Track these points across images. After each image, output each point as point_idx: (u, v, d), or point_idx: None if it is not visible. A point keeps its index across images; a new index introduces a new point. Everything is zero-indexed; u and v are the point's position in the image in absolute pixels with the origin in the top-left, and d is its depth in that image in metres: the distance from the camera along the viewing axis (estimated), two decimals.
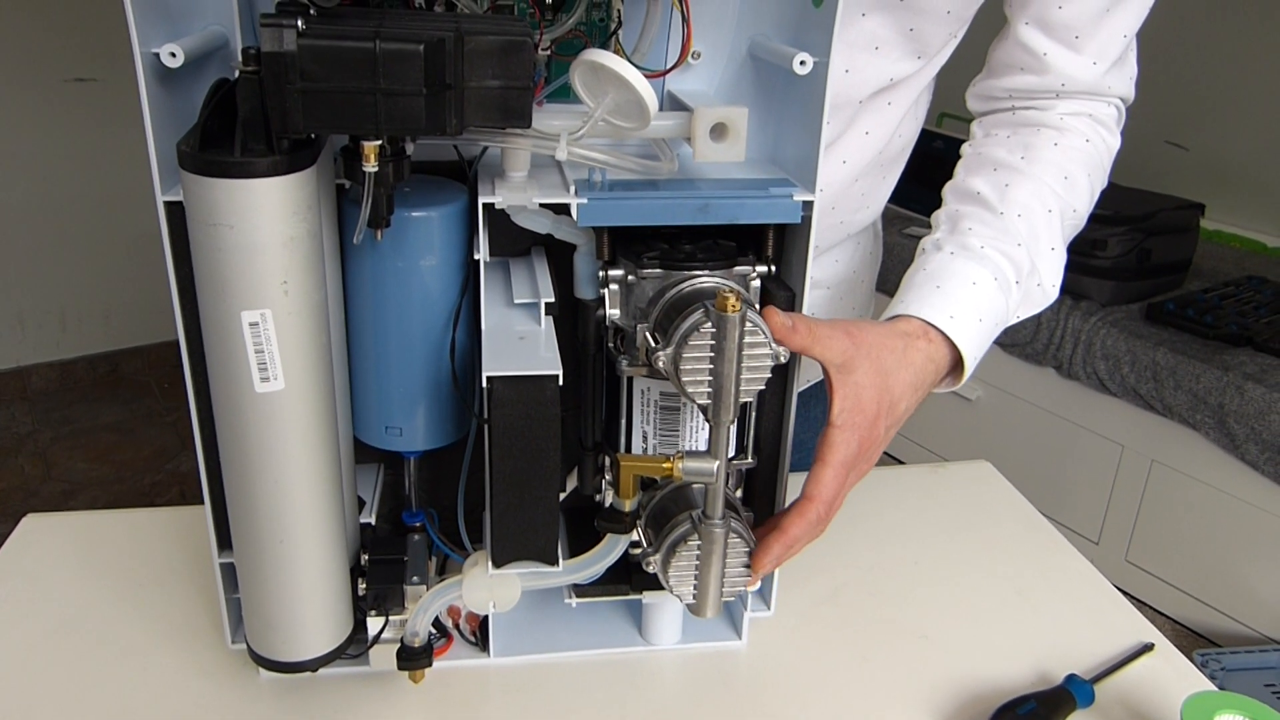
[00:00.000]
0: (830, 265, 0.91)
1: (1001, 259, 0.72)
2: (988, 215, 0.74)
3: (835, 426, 0.62)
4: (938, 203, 0.79)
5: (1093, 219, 0.83)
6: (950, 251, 0.72)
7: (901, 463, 0.72)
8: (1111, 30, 0.76)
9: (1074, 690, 0.67)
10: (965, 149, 0.83)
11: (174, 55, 0.53)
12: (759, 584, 0.66)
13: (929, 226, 0.78)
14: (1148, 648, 0.73)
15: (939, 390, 0.72)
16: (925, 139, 0.92)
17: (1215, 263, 2.30)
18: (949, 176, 0.81)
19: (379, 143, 0.51)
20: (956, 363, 0.70)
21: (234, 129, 0.49)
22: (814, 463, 0.63)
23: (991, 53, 0.82)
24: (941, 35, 0.76)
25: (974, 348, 0.69)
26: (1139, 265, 2.08)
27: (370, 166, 0.51)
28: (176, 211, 0.54)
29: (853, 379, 0.62)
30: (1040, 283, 0.76)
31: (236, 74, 0.48)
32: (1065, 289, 0.79)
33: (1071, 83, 0.78)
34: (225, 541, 0.63)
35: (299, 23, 0.46)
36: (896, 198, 0.94)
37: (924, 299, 0.69)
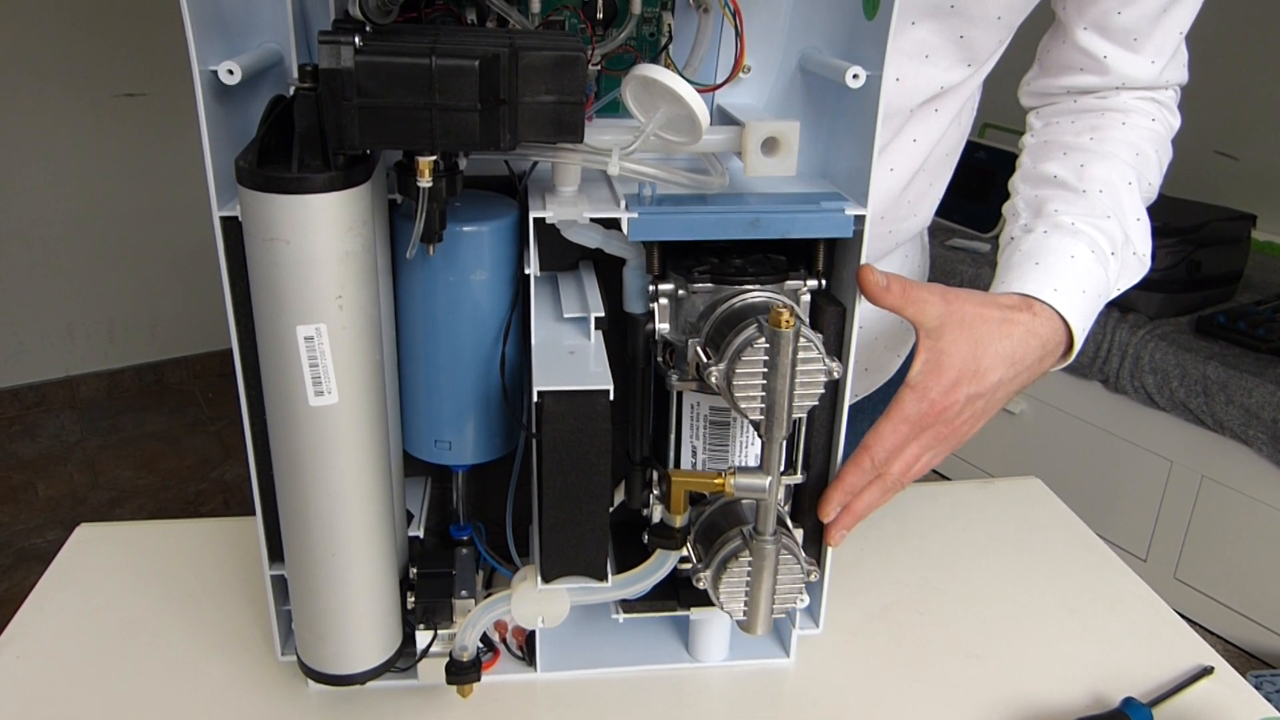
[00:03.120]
0: None
1: (1095, 232, 0.72)
2: (1069, 195, 0.75)
3: (907, 385, 0.64)
4: (983, 215, 0.79)
5: None
6: (1043, 230, 0.72)
7: (948, 479, 0.71)
8: (1167, 30, 0.78)
9: (1131, 714, 0.65)
10: (1026, 140, 0.84)
11: (231, 73, 0.54)
12: (808, 600, 0.65)
13: (973, 239, 0.78)
14: (1207, 671, 0.71)
15: (1053, 369, 0.71)
16: (968, 150, 0.92)
17: (1267, 275, 2.25)
18: (993, 188, 0.81)
19: (433, 158, 0.51)
20: (1063, 340, 0.69)
21: (291, 145, 0.49)
22: None
23: (1045, 53, 0.83)
24: (991, 43, 0.76)
25: (1080, 319, 0.69)
26: (1188, 277, 2.04)
27: (424, 181, 0.51)
28: (233, 226, 0.55)
29: (939, 344, 0.63)
30: (1136, 251, 0.76)
31: (293, 90, 0.49)
32: (1112, 301, 0.78)
33: (1131, 81, 0.80)
34: (276, 554, 0.63)
35: (356, 40, 0.47)
36: (940, 210, 0.92)
37: (1024, 276, 0.69)
